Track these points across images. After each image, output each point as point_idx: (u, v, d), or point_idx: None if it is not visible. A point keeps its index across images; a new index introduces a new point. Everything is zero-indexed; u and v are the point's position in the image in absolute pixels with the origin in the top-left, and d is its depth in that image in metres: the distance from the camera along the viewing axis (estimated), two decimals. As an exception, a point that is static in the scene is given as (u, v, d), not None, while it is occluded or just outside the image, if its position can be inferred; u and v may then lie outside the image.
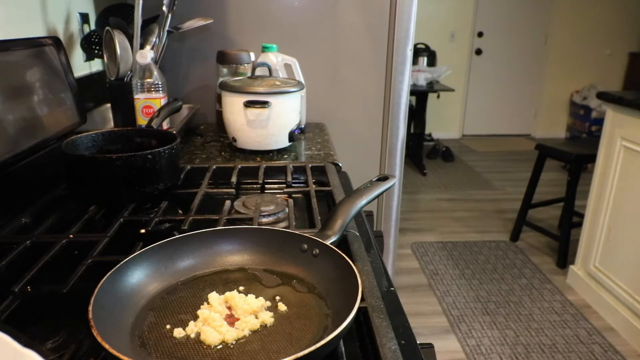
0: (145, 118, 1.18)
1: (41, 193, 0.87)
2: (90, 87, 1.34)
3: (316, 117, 1.61)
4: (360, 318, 0.54)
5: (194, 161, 1.17)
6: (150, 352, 0.49)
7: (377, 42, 1.60)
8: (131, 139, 0.97)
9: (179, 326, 0.52)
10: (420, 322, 2.31)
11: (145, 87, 1.19)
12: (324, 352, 0.44)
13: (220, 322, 0.52)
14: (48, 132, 0.94)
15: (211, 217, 0.77)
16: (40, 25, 1.13)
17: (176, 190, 0.91)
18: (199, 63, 1.58)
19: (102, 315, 0.47)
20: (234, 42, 1.55)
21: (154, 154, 0.83)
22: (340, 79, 1.64)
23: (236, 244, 0.65)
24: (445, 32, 5.25)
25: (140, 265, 0.58)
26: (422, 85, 4.12)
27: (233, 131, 1.24)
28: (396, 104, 1.66)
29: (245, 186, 0.99)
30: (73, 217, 0.78)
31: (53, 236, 0.71)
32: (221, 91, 1.25)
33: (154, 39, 1.27)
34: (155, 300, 0.57)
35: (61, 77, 1.02)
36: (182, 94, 1.56)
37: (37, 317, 0.56)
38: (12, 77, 0.87)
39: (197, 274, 0.62)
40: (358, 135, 1.65)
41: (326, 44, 1.59)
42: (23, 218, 0.78)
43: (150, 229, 0.74)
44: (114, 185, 0.82)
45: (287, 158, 1.23)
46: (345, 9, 1.56)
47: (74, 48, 1.33)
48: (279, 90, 1.19)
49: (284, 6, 1.55)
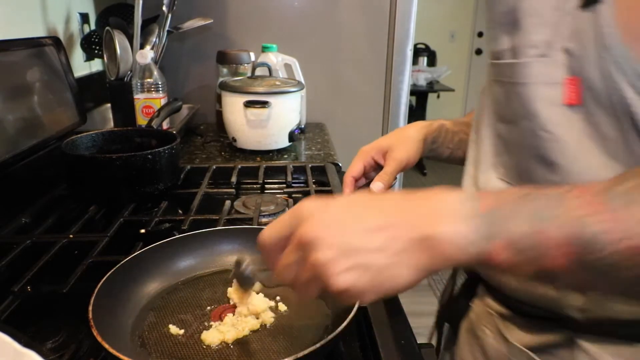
0: (145, 118, 1.17)
1: (41, 193, 0.87)
2: (90, 87, 1.34)
3: (316, 117, 1.61)
4: (360, 318, 0.54)
5: (194, 161, 1.17)
6: (150, 352, 0.49)
7: (377, 42, 1.60)
8: (131, 139, 0.97)
9: (179, 326, 0.52)
10: (420, 322, 2.30)
11: (145, 87, 1.19)
12: (324, 352, 0.44)
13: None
14: (48, 132, 0.94)
15: (211, 217, 0.77)
16: (40, 25, 1.13)
17: (176, 190, 0.91)
18: (199, 63, 1.58)
19: (102, 315, 0.47)
20: (234, 42, 1.55)
21: (154, 154, 0.83)
22: (340, 79, 1.64)
23: (236, 244, 0.65)
24: (445, 32, 5.24)
25: (140, 265, 0.58)
26: (422, 85, 4.12)
27: (233, 131, 1.24)
28: (396, 104, 1.66)
29: (245, 186, 0.99)
30: (73, 217, 0.78)
31: (53, 236, 0.71)
32: (221, 91, 1.25)
33: (154, 39, 1.27)
34: (155, 300, 0.57)
35: (61, 77, 1.02)
36: (182, 94, 1.56)
37: (37, 317, 0.56)
38: (12, 77, 0.87)
39: (197, 274, 0.62)
40: (358, 135, 1.65)
41: (326, 44, 1.59)
42: (23, 218, 0.78)
43: (150, 229, 0.74)
44: (114, 185, 0.82)
45: (287, 158, 1.23)
46: (345, 9, 1.56)
47: (74, 48, 1.33)
48: (279, 90, 1.19)
49: (284, 6, 1.55)
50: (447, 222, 0.37)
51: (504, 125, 0.59)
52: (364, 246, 0.37)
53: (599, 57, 0.45)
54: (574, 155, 0.50)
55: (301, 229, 0.39)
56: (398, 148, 0.72)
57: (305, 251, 0.38)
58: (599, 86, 0.46)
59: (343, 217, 0.39)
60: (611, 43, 0.44)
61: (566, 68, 0.49)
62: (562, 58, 0.49)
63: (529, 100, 0.52)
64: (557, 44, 0.49)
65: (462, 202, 0.38)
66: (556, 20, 0.49)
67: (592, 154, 0.49)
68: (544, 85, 0.51)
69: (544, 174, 0.52)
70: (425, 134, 0.75)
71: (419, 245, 0.37)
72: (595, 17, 0.45)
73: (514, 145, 0.57)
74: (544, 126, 0.51)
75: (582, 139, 0.49)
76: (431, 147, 0.76)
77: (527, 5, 0.51)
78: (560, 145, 0.51)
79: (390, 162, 0.71)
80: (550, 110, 0.51)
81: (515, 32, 0.54)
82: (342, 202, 0.41)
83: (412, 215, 0.38)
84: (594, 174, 0.48)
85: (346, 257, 0.37)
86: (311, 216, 0.39)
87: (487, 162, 0.63)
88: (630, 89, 0.45)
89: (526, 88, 0.53)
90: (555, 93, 0.50)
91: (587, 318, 0.53)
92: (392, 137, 0.75)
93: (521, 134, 0.55)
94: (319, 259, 0.37)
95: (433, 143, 0.76)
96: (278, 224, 0.42)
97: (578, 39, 0.47)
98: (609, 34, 0.44)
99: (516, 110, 0.55)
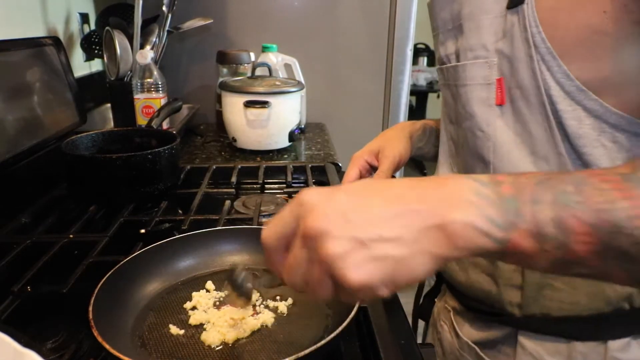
0: (145, 118, 1.17)
1: (41, 193, 0.87)
2: (90, 87, 1.34)
3: (316, 117, 1.61)
4: (360, 318, 0.54)
5: (194, 161, 1.17)
6: (150, 352, 0.49)
7: (377, 42, 1.60)
8: (131, 139, 0.96)
9: (179, 326, 0.52)
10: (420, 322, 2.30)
11: (145, 87, 1.19)
12: (324, 352, 0.44)
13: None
14: (48, 132, 0.94)
15: (211, 217, 0.77)
16: (40, 25, 1.13)
17: (176, 190, 0.91)
18: (199, 63, 1.58)
19: (102, 315, 0.47)
20: (234, 42, 1.55)
21: (154, 154, 0.83)
22: (340, 79, 1.64)
23: (236, 244, 0.66)
24: (445, 32, 5.24)
25: (140, 265, 0.58)
26: (422, 85, 4.12)
27: (233, 131, 1.24)
28: (396, 104, 1.66)
29: (245, 186, 0.99)
30: (73, 217, 0.77)
31: (53, 236, 0.71)
32: (221, 91, 1.25)
33: (154, 39, 1.27)
34: (155, 300, 0.57)
35: (61, 77, 1.02)
36: (182, 94, 1.56)
37: (37, 317, 0.56)
38: (12, 77, 0.87)
39: (197, 274, 0.62)
40: (358, 135, 1.65)
41: (326, 44, 1.59)
42: (23, 218, 0.77)
43: (150, 229, 0.74)
44: (114, 185, 0.82)
45: (287, 158, 1.23)
46: (345, 9, 1.56)
47: (74, 48, 1.33)
48: (279, 90, 1.19)
49: (284, 6, 1.55)
50: (468, 207, 0.33)
51: (453, 126, 0.62)
52: (378, 236, 0.34)
53: (528, 57, 0.47)
54: (504, 154, 0.52)
55: (306, 222, 0.35)
56: (389, 147, 0.74)
57: (313, 246, 0.34)
58: (528, 85, 0.48)
59: (351, 205, 0.35)
60: (538, 42, 0.46)
61: (498, 68, 0.51)
62: (494, 59, 0.51)
63: (468, 102, 0.55)
64: (491, 45, 0.51)
65: (482, 185, 0.35)
66: (489, 22, 0.51)
67: (520, 153, 0.51)
68: (479, 87, 0.53)
69: (481, 173, 0.54)
70: (410, 131, 0.77)
71: (437, 233, 0.33)
72: (521, 17, 0.47)
73: (460, 145, 0.60)
74: (479, 126, 0.54)
75: (512, 138, 0.51)
76: (418, 146, 0.78)
77: (467, 11, 0.54)
78: (492, 144, 0.53)
79: (384, 161, 0.73)
80: (484, 110, 0.53)
81: (459, 37, 0.56)
82: (348, 190, 0.36)
83: (429, 200, 0.34)
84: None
85: (360, 248, 0.33)
86: (315, 207, 0.35)
87: (444, 163, 0.66)
88: (556, 88, 0.46)
89: (465, 90, 0.55)
90: (488, 93, 0.52)
91: (524, 315, 0.55)
92: (380, 139, 0.77)
93: (464, 134, 0.57)
94: (329, 252, 0.33)
95: (419, 142, 0.78)
96: (280, 219, 0.38)
97: (508, 40, 0.49)
98: (534, 33, 0.46)
99: (459, 112, 0.58)
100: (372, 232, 0.34)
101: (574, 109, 0.46)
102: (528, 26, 0.46)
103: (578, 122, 0.46)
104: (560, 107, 0.46)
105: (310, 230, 0.34)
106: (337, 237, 0.34)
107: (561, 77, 0.45)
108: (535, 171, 0.49)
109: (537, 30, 0.46)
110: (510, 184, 0.34)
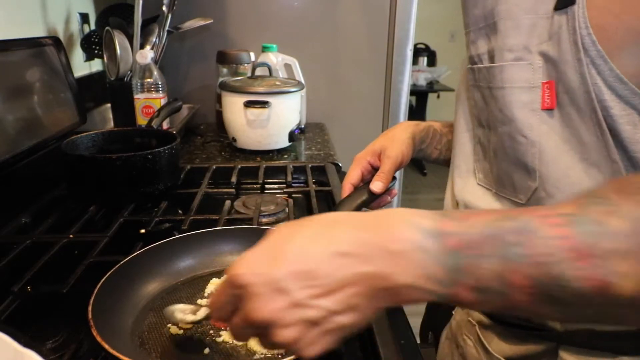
0: (145, 118, 1.17)
1: (41, 193, 0.87)
2: (90, 87, 1.34)
3: (316, 117, 1.61)
4: (360, 318, 0.54)
5: (194, 161, 1.17)
6: (149, 352, 0.49)
7: (377, 42, 1.60)
8: (131, 139, 0.96)
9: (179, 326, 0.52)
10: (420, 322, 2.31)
11: (145, 87, 1.19)
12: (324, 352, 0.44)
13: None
14: (48, 132, 0.94)
15: (211, 217, 0.77)
16: (40, 25, 1.13)
17: (176, 190, 0.91)
18: (199, 63, 1.58)
19: (102, 315, 0.47)
20: (234, 42, 1.55)
21: (154, 154, 0.83)
22: (340, 79, 1.64)
23: (236, 244, 0.65)
24: (445, 32, 5.24)
25: (140, 265, 0.58)
26: (422, 85, 4.12)
27: (233, 131, 1.24)
28: (396, 104, 1.66)
29: (245, 186, 0.99)
30: (73, 217, 0.77)
31: (53, 236, 0.71)
32: (221, 91, 1.25)
33: (154, 39, 1.27)
34: (155, 300, 0.57)
35: (61, 77, 1.02)
36: (182, 94, 1.56)
37: (37, 317, 0.56)
38: (12, 77, 0.87)
39: (197, 274, 0.62)
40: (358, 135, 1.65)
41: (326, 44, 1.59)
42: (23, 218, 0.78)
43: (150, 229, 0.74)
44: (114, 185, 0.82)
45: (287, 158, 1.23)
46: (345, 9, 1.56)
47: (74, 48, 1.33)
48: (279, 90, 1.19)
49: (284, 6, 1.55)
50: (413, 269, 0.34)
51: (483, 130, 0.59)
52: (328, 312, 0.34)
53: (577, 60, 0.45)
54: (551, 161, 0.49)
55: (249, 312, 0.35)
56: (391, 147, 0.73)
57: (263, 333, 0.35)
58: (577, 90, 0.45)
59: (293, 276, 0.34)
60: (587, 45, 0.44)
61: (543, 71, 0.48)
62: (539, 61, 0.48)
63: (506, 105, 0.52)
64: (534, 47, 0.49)
65: (426, 237, 0.34)
66: (532, 23, 0.48)
67: (570, 160, 0.48)
68: (521, 90, 0.50)
69: (522, 180, 0.52)
70: (412, 132, 0.76)
71: (385, 293, 0.34)
72: (570, 19, 0.45)
73: (493, 150, 0.57)
74: (521, 131, 0.50)
75: (559, 144, 0.48)
76: (420, 147, 0.76)
77: (503, 8, 0.51)
78: (537, 150, 0.50)
79: (386, 161, 0.72)
80: (527, 114, 0.50)
81: (492, 36, 0.53)
82: (287, 252, 0.36)
83: (375, 259, 0.34)
84: (572, 181, 0.47)
85: (311, 328, 0.34)
86: (255, 292, 0.34)
87: (466, 168, 0.63)
88: (608, 92, 0.43)
89: (503, 92, 0.52)
90: (532, 97, 0.49)
91: (567, 330, 0.53)
92: (383, 139, 0.76)
93: (500, 139, 0.54)
94: (282, 341, 0.34)
95: (422, 143, 0.77)
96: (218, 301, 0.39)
97: (555, 42, 0.46)
98: (584, 35, 0.44)
99: (494, 115, 0.54)
100: (322, 309, 0.34)
101: (628, 114, 0.43)
102: (577, 27, 0.44)
103: (633, 127, 0.44)
104: (614, 112, 0.44)
105: (256, 320, 0.35)
106: (286, 326, 0.34)
107: (613, 81, 0.43)
108: (582, 178, 0.47)
109: (587, 32, 0.43)
110: (455, 235, 0.34)
